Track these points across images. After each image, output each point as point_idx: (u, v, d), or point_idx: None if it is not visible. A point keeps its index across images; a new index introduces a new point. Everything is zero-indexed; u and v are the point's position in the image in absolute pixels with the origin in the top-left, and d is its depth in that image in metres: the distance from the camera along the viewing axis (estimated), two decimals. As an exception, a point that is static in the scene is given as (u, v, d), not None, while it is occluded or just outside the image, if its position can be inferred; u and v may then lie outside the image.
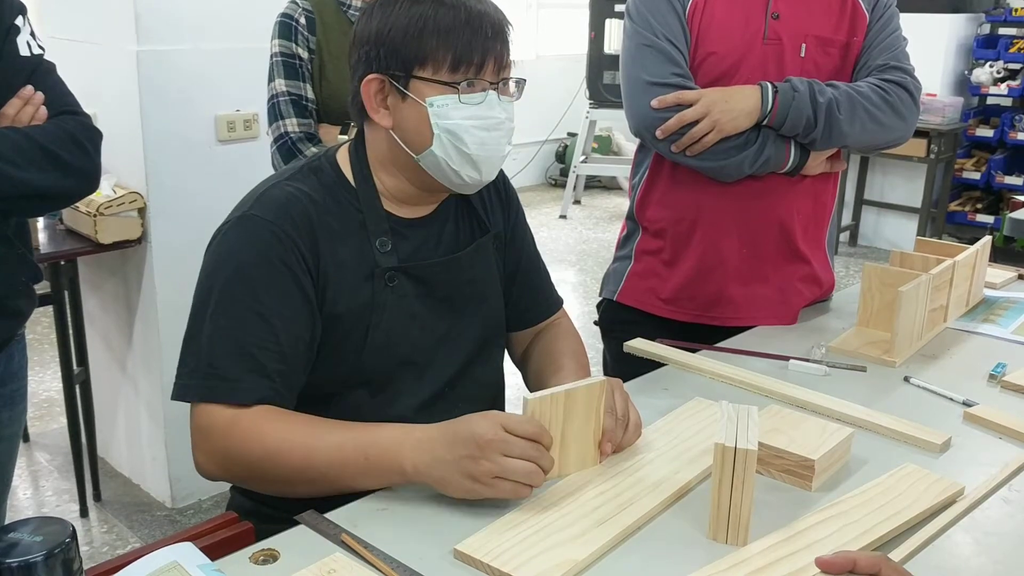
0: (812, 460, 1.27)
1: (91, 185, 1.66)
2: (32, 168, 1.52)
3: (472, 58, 1.31)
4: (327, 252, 1.35)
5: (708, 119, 1.72)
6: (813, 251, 1.94)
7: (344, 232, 1.37)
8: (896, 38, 1.86)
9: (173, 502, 3.10)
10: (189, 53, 2.85)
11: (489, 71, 1.34)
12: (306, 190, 1.37)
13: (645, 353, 1.75)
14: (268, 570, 1.08)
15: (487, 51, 1.32)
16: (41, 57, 1.62)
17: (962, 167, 6.23)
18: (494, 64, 1.34)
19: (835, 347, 1.77)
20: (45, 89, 1.59)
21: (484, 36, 1.32)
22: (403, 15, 1.31)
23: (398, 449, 1.20)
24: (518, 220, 1.61)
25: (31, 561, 0.80)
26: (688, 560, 1.11)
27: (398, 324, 1.39)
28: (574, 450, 1.28)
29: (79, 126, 1.62)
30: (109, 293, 3.14)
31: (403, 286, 1.39)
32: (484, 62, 1.32)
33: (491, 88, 1.34)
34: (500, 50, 1.34)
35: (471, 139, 1.34)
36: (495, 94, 1.35)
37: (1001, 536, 1.19)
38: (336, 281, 1.35)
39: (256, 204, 1.35)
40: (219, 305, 1.30)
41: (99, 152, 1.66)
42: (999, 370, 1.66)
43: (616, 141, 7.84)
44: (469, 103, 1.33)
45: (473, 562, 1.09)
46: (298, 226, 1.32)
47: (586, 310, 5.00)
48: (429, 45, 1.30)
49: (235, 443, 1.26)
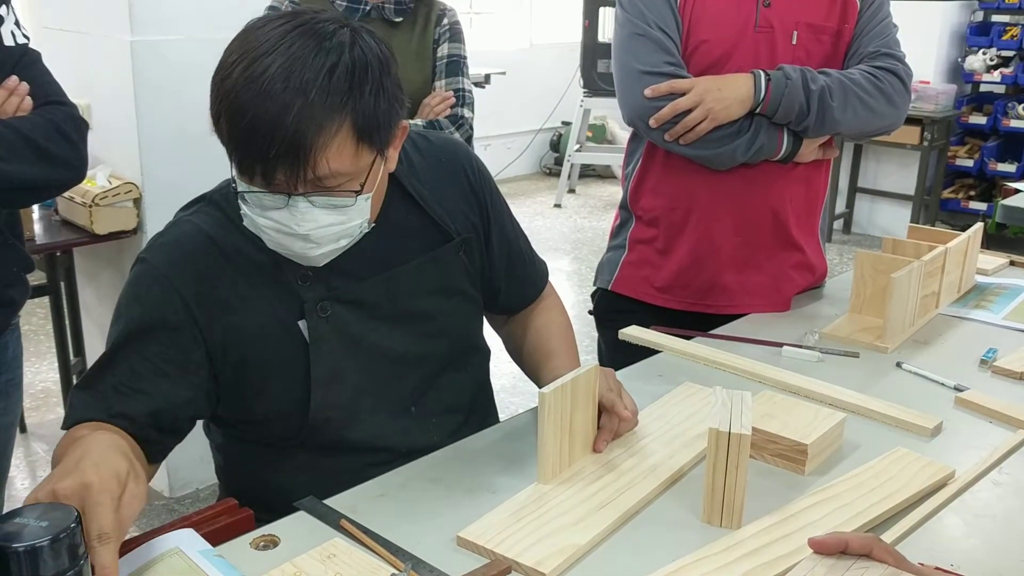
0: (805, 444, 1.28)
1: (78, 175, 1.65)
2: (17, 160, 1.50)
3: (252, 172, 1.14)
4: (230, 295, 1.26)
5: (701, 107, 1.73)
6: (806, 238, 1.95)
7: (254, 272, 1.27)
8: (887, 25, 1.86)
9: (171, 491, 3.10)
10: (183, 43, 2.85)
11: (281, 183, 1.14)
12: (207, 229, 1.28)
13: (640, 340, 1.76)
14: (268, 555, 1.10)
15: (273, 166, 1.12)
16: (26, 47, 1.61)
17: (955, 154, 6.24)
18: (286, 176, 1.13)
19: (828, 333, 1.78)
20: (30, 79, 1.58)
21: (266, 151, 1.11)
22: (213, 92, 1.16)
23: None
24: (494, 212, 1.49)
25: (37, 546, 0.81)
26: (682, 543, 1.12)
27: (341, 355, 1.30)
28: (580, 438, 1.29)
29: (65, 116, 1.60)
30: (105, 283, 3.14)
31: (339, 314, 1.30)
32: (270, 176, 1.13)
33: (297, 195, 1.16)
34: (295, 164, 1.12)
35: (268, 239, 1.22)
36: (304, 202, 1.16)
37: (991, 518, 1.21)
38: (247, 323, 1.27)
39: (151, 247, 1.30)
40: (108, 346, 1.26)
41: (85, 142, 1.65)
42: (990, 355, 1.68)
43: (611, 130, 7.83)
44: (264, 206, 1.18)
45: (475, 548, 1.11)
46: (189, 272, 1.25)
47: (581, 299, 5.01)
48: (222, 139, 1.17)
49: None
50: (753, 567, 1.07)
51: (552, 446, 1.23)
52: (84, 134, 1.65)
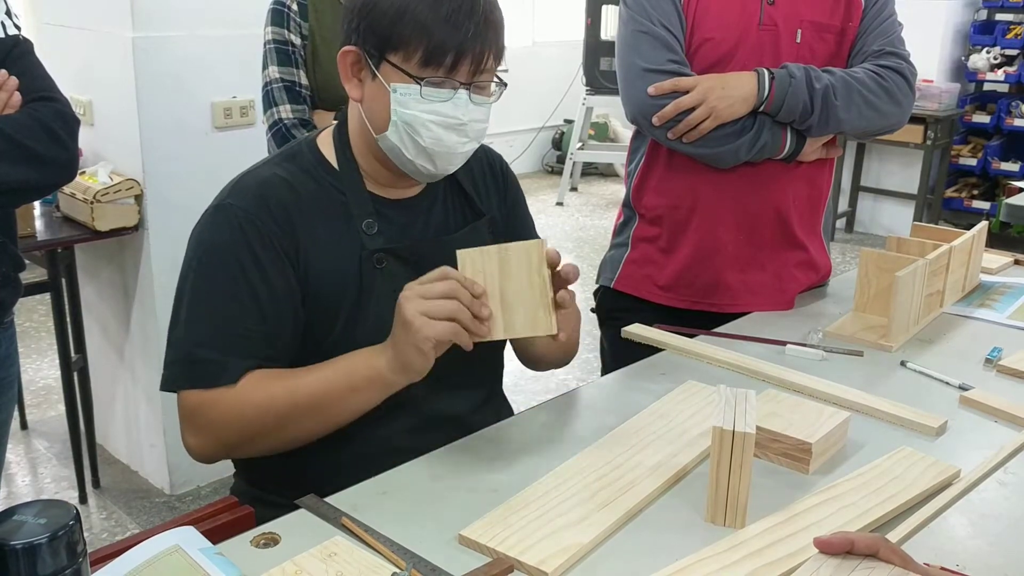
0: (809, 444, 1.28)
1: (66, 175, 1.62)
2: (2, 163, 1.47)
3: (443, 59, 1.27)
4: (306, 236, 1.34)
5: (705, 106, 1.72)
6: (809, 237, 1.95)
7: (326, 215, 1.36)
8: (891, 23, 1.86)
9: (172, 489, 3.10)
10: (185, 39, 2.84)
11: (462, 72, 1.29)
12: (283, 175, 1.36)
13: (643, 338, 1.75)
14: (269, 553, 1.09)
15: (463, 52, 1.27)
16: (17, 38, 1.57)
17: (958, 153, 6.23)
18: (469, 65, 1.28)
19: (832, 332, 1.77)
20: (20, 72, 1.54)
21: (463, 36, 1.26)
22: None
23: (374, 362, 1.27)
24: (516, 206, 1.59)
25: (35, 543, 0.81)
26: (686, 543, 1.12)
27: (388, 307, 1.34)
28: (520, 312, 1.25)
29: (54, 114, 1.56)
30: (106, 280, 3.14)
31: (392, 268, 1.38)
32: (457, 63, 1.27)
33: (462, 87, 1.30)
34: (480, 51, 1.28)
35: (427, 134, 1.31)
36: (466, 94, 1.30)
37: (996, 518, 1.20)
38: (319, 264, 1.35)
39: (231, 193, 1.35)
40: (195, 293, 1.32)
41: (75, 139, 1.61)
42: (995, 354, 1.67)
43: (613, 128, 7.82)
44: (432, 99, 1.29)
45: (477, 547, 1.10)
46: (272, 212, 1.32)
47: (583, 297, 5.00)
48: (405, 32, 1.26)
49: (223, 412, 1.28)
50: (757, 567, 1.06)
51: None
52: (74, 131, 1.61)
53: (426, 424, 1.41)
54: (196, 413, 1.29)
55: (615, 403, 1.51)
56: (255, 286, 1.30)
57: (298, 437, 1.31)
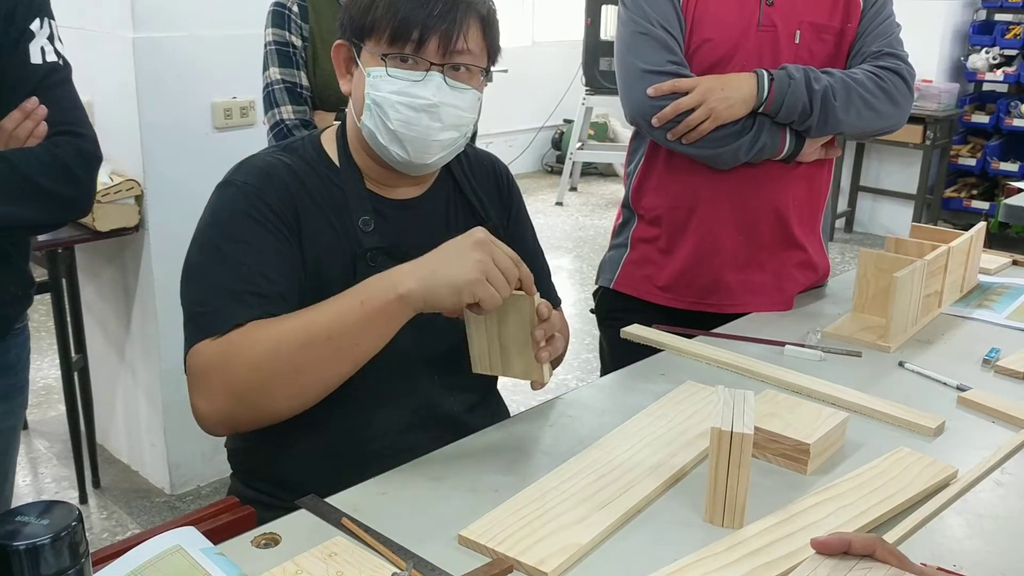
0: (807, 444, 1.28)
1: (77, 213, 1.60)
2: (12, 201, 1.45)
3: (409, 34, 1.28)
4: (307, 220, 1.34)
5: (704, 107, 1.73)
6: (808, 237, 1.95)
7: (325, 208, 1.36)
8: (890, 24, 1.86)
9: (172, 488, 3.11)
10: (185, 40, 2.85)
11: (430, 50, 1.29)
12: (286, 161, 1.37)
13: (642, 339, 1.76)
14: (270, 554, 1.09)
15: (429, 28, 1.27)
16: (55, 65, 1.55)
17: (957, 153, 6.23)
18: (438, 43, 1.29)
19: (830, 332, 1.78)
20: (50, 102, 1.52)
21: (429, 11, 1.27)
22: None
23: (388, 281, 1.23)
24: (519, 215, 1.60)
25: (38, 544, 0.81)
26: (685, 543, 1.12)
27: None
28: (515, 355, 1.29)
29: (74, 151, 1.54)
30: (107, 280, 3.14)
31: (384, 267, 1.35)
32: (424, 39, 1.28)
33: (435, 68, 1.30)
34: (449, 29, 1.28)
35: (395, 115, 1.31)
36: (439, 76, 1.30)
37: (994, 518, 1.21)
38: (316, 253, 1.34)
39: (236, 172, 1.36)
40: (203, 258, 1.31)
41: (92, 177, 1.59)
42: (993, 355, 1.68)
43: (612, 128, 7.82)
44: (399, 78, 1.30)
45: (477, 547, 1.10)
46: (277, 190, 1.33)
47: (582, 297, 5.01)
48: (377, 16, 1.29)
49: (232, 357, 1.22)
50: (755, 567, 1.06)
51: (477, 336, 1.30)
52: (93, 168, 1.58)
53: (424, 424, 1.41)
54: (204, 366, 1.24)
55: (614, 403, 1.52)
56: (261, 251, 1.29)
57: (316, 380, 1.24)
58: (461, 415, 1.45)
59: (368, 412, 1.37)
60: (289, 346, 1.22)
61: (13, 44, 1.50)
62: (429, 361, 1.43)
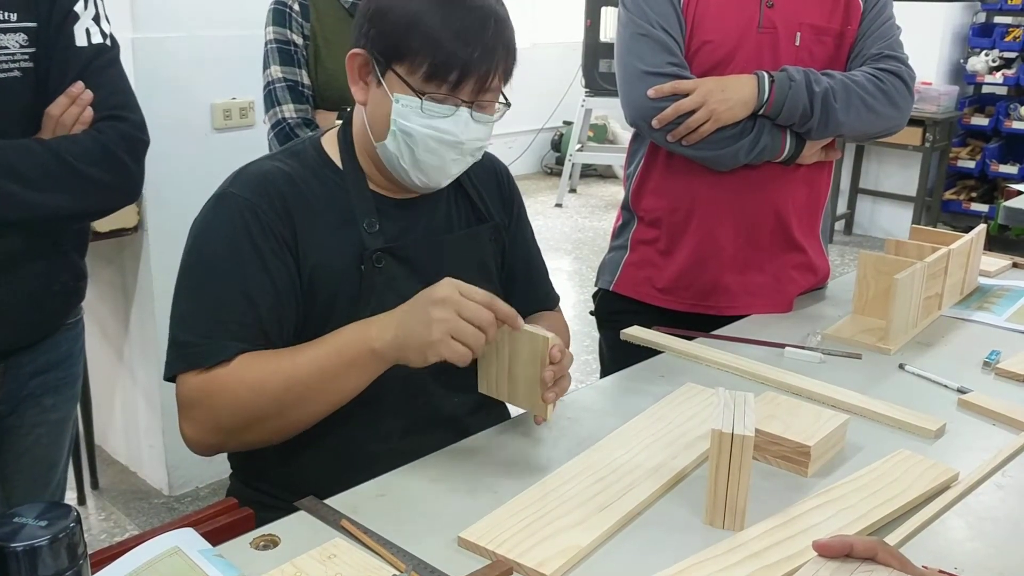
0: (808, 446, 1.28)
1: (124, 200, 1.58)
2: (56, 191, 1.43)
3: (448, 75, 1.26)
4: (305, 229, 1.33)
5: (704, 108, 1.72)
6: (808, 239, 1.95)
7: (328, 213, 1.36)
8: (890, 26, 1.86)
9: (170, 490, 3.10)
10: (185, 40, 2.84)
11: (466, 90, 1.28)
12: (285, 169, 1.36)
13: (642, 341, 1.76)
14: (268, 555, 1.09)
15: (468, 71, 1.26)
16: (101, 47, 1.52)
17: (957, 155, 6.23)
18: (474, 84, 1.28)
19: (830, 334, 1.78)
20: (97, 86, 1.50)
21: (470, 54, 1.25)
22: (404, 1, 1.27)
23: (364, 334, 1.25)
24: (519, 216, 1.60)
25: (36, 546, 0.81)
26: (685, 545, 1.12)
27: (386, 306, 1.33)
28: (522, 389, 1.28)
29: (119, 135, 1.51)
30: (105, 281, 3.14)
31: (390, 268, 1.38)
32: (461, 81, 1.27)
33: (464, 105, 1.30)
34: (486, 71, 1.28)
35: (424, 148, 1.31)
36: (467, 112, 1.30)
37: (994, 521, 1.20)
38: (318, 260, 1.34)
39: (233, 182, 1.35)
40: (192, 280, 1.32)
41: (139, 162, 1.56)
42: (993, 357, 1.67)
43: (612, 130, 7.83)
44: (432, 114, 1.29)
45: (477, 549, 1.10)
46: (273, 202, 1.32)
47: (582, 299, 5.00)
48: (413, 44, 1.26)
49: (217, 394, 1.25)
50: (756, 569, 1.06)
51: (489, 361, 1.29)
52: (139, 154, 1.56)
53: (424, 426, 1.41)
54: (190, 398, 1.27)
55: (614, 405, 1.52)
56: (252, 275, 1.29)
57: (297, 420, 1.28)
58: (462, 417, 1.45)
59: (370, 414, 1.37)
60: (273, 388, 1.25)
61: (57, 27, 1.47)
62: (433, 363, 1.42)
